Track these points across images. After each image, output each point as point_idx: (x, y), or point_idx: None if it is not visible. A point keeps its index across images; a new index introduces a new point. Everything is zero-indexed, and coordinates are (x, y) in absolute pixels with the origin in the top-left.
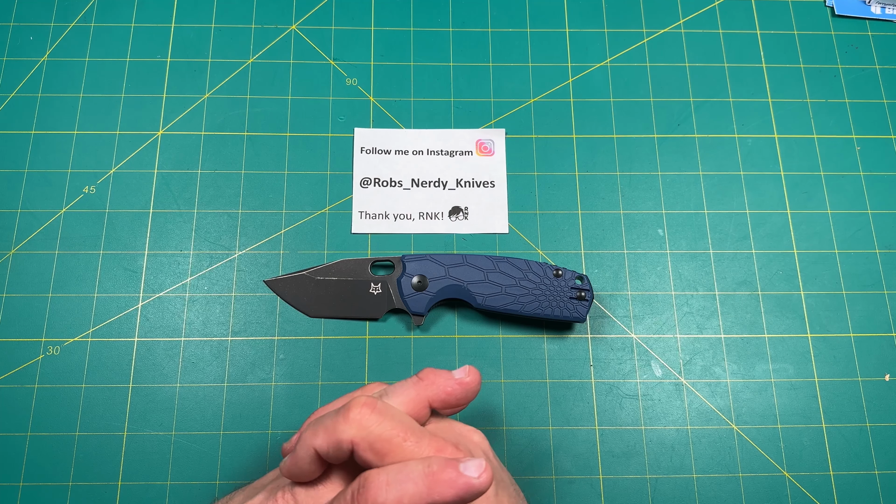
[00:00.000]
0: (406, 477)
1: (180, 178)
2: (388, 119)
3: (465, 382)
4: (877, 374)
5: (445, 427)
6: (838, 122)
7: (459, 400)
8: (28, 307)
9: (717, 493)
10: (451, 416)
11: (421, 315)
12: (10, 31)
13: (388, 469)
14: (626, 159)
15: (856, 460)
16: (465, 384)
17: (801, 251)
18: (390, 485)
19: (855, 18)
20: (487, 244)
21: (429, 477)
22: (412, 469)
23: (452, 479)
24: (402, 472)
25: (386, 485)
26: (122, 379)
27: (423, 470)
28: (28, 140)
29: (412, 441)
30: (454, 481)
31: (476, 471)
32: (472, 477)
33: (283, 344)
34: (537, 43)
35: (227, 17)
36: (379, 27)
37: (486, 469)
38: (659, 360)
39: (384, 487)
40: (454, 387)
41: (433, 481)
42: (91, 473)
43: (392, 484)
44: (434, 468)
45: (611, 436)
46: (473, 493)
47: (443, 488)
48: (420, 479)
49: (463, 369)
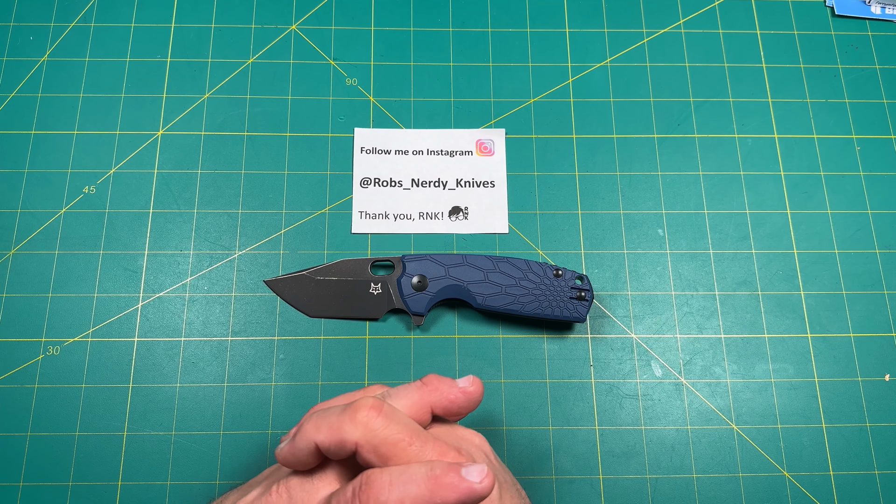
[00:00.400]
0: (409, 479)
1: (180, 178)
2: (388, 119)
3: (469, 392)
4: (877, 374)
5: (447, 431)
6: (838, 122)
7: (461, 409)
8: (28, 307)
9: (717, 493)
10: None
11: (421, 315)
12: (10, 31)
13: (391, 470)
14: (626, 159)
15: (856, 460)
16: (469, 394)
17: (801, 251)
18: (393, 485)
19: (855, 18)
20: (487, 244)
21: (431, 480)
22: (415, 471)
23: (455, 484)
24: (405, 474)
25: (389, 485)
26: (122, 379)
27: (426, 473)
28: (28, 140)
29: (417, 445)
30: (456, 486)
31: (478, 476)
32: (475, 482)
33: (283, 344)
34: (537, 43)
35: (227, 17)
36: (379, 27)
37: (488, 474)
38: (659, 360)
39: (387, 487)
40: (457, 395)
41: (436, 485)
42: (91, 473)
43: (395, 485)
44: (437, 472)
45: (611, 436)
46: (475, 497)
47: (445, 492)
48: (423, 481)
49: (467, 379)
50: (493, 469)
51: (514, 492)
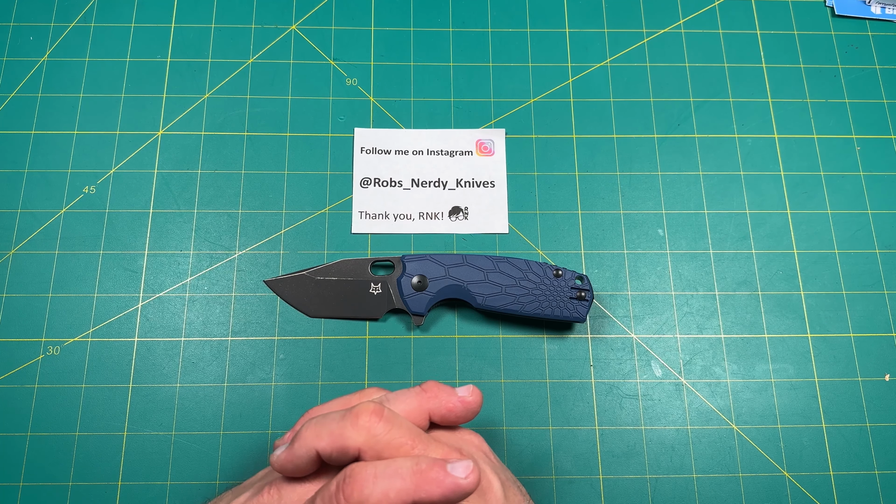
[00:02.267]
0: (394, 472)
1: (180, 178)
2: (388, 119)
3: (468, 402)
4: (877, 374)
5: (446, 432)
6: (838, 122)
7: (459, 418)
8: (28, 307)
9: (717, 493)
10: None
11: (421, 315)
12: (10, 31)
13: (376, 463)
14: (626, 159)
15: (856, 460)
16: (468, 403)
17: (801, 251)
18: (378, 478)
19: (855, 18)
20: (487, 244)
21: (417, 474)
22: (401, 465)
23: (440, 479)
24: (390, 468)
25: (373, 478)
26: (122, 379)
27: (411, 467)
28: (28, 140)
29: (420, 449)
30: (441, 480)
31: (464, 472)
32: (460, 477)
33: (283, 344)
34: (537, 43)
35: (227, 17)
36: (379, 27)
37: (474, 470)
38: (659, 360)
39: (371, 480)
40: (456, 404)
41: (421, 479)
42: (91, 473)
43: (380, 478)
44: (423, 466)
45: (611, 436)
46: (460, 492)
47: (430, 486)
48: (408, 475)
49: (466, 388)
50: (494, 468)
51: (515, 489)
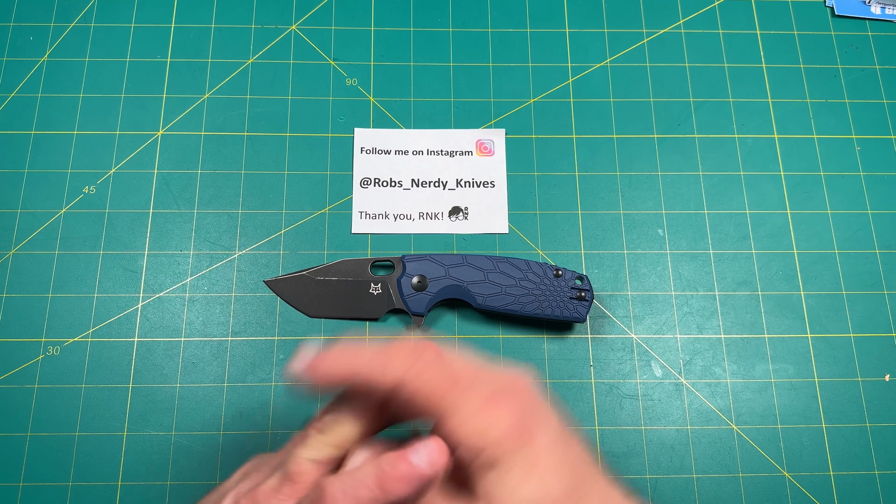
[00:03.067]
0: (360, 483)
1: (180, 178)
2: (388, 119)
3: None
4: (877, 374)
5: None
6: (838, 122)
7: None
8: (28, 307)
9: (717, 493)
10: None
11: (421, 315)
12: (10, 31)
13: (341, 478)
14: (626, 159)
15: (856, 460)
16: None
17: (801, 251)
18: (346, 493)
19: (855, 18)
20: (487, 244)
21: (380, 478)
22: (365, 474)
23: (403, 475)
24: (355, 479)
25: (342, 494)
26: (122, 379)
27: (374, 472)
28: (28, 140)
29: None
30: (404, 476)
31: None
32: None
33: (283, 344)
34: (537, 43)
35: (227, 17)
36: (379, 27)
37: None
38: (659, 360)
39: (340, 497)
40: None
41: (385, 480)
42: (91, 473)
43: (347, 492)
44: (384, 467)
45: (611, 436)
46: (427, 479)
47: (395, 485)
48: (373, 482)
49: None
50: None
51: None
